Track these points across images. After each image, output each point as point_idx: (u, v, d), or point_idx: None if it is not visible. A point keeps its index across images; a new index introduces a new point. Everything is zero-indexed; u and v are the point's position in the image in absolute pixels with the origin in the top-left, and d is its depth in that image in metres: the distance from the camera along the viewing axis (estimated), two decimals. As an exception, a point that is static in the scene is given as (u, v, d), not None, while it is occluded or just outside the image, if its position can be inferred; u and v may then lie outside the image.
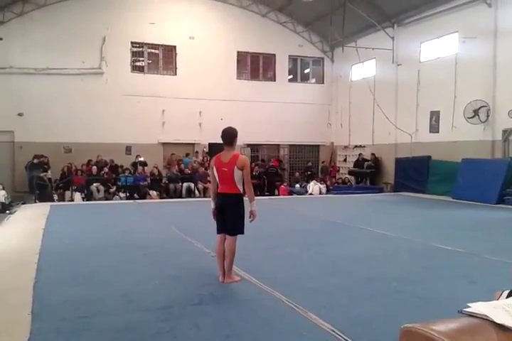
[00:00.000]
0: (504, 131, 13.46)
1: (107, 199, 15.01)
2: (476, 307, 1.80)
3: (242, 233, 5.06)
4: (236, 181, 4.94)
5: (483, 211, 11.51)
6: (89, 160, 16.49)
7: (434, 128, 15.91)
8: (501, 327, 1.62)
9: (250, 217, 5.08)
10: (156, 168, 16.59)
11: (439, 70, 15.49)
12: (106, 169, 15.95)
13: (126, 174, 15.95)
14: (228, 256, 5.00)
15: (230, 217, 5.01)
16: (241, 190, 5.06)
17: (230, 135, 5.01)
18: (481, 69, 13.94)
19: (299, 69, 21.55)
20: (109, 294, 4.64)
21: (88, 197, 15.04)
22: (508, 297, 2.54)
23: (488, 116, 13.77)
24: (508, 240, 7.79)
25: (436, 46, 15.98)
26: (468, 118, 14.07)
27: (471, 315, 1.75)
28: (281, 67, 20.79)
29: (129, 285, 4.93)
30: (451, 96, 14.92)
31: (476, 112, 13.91)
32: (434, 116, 15.87)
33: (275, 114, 19.77)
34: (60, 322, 3.87)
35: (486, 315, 1.69)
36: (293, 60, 21.25)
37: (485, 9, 13.83)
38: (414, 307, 4.24)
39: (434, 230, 8.82)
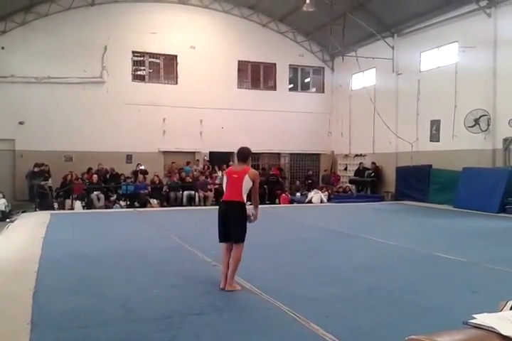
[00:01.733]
0: (505, 140, 13.47)
1: (107, 208, 14.97)
2: (482, 318, 1.78)
3: (243, 240, 5.23)
4: (243, 190, 5.20)
5: (484, 220, 11.47)
6: (90, 169, 16.48)
7: (434, 137, 15.92)
8: (507, 339, 1.60)
9: (250, 218, 5.29)
10: (157, 176, 16.57)
11: (439, 80, 15.55)
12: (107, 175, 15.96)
13: (127, 182, 15.93)
14: (232, 264, 5.11)
15: (235, 224, 5.18)
16: (245, 200, 5.25)
17: (245, 153, 5.53)
18: (481, 78, 13.99)
19: (299, 79, 21.64)
20: (109, 304, 4.60)
21: (88, 205, 15.01)
22: (512, 308, 2.51)
23: (488, 125, 13.79)
24: (509, 249, 7.75)
25: (436, 56, 16.05)
26: (469, 127, 14.09)
27: (477, 327, 1.73)
28: (282, 76, 20.88)
29: (129, 295, 4.89)
30: (451, 105, 14.96)
31: (476, 121, 13.93)
32: (435, 125, 15.90)
33: (276, 123, 19.81)
34: (59, 332, 3.83)
35: (492, 327, 1.67)
36: (293, 69, 21.34)
37: (484, 19, 13.92)
38: (416, 317, 4.20)
39: (436, 239, 8.79)
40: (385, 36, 17.71)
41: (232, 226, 5.16)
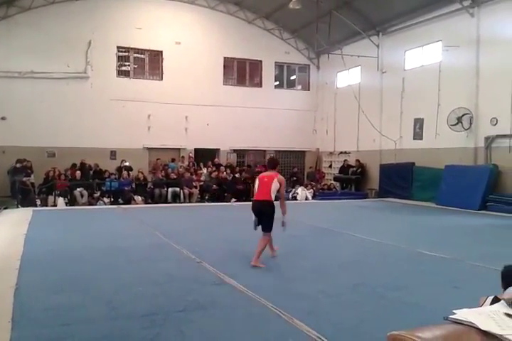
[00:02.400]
0: (486, 138, 13.68)
1: (90, 205, 14.83)
2: (462, 314, 1.81)
3: (270, 231, 6.35)
4: (272, 190, 6.26)
5: (466, 217, 11.65)
6: (73, 165, 16.30)
7: (418, 135, 16.10)
8: (486, 334, 1.62)
9: (283, 226, 6.44)
10: (141, 172, 16.46)
11: (423, 78, 15.71)
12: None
13: (111, 179, 15.78)
14: (259, 245, 6.23)
15: (265, 218, 6.28)
16: (273, 198, 6.32)
17: (274, 162, 6.81)
18: (464, 77, 14.17)
19: (285, 76, 21.66)
20: (92, 301, 4.57)
21: (72, 202, 14.84)
22: (492, 303, 2.56)
23: (471, 123, 13.98)
24: (491, 246, 7.88)
25: (420, 54, 16.21)
26: (452, 125, 14.27)
27: (457, 322, 1.75)
28: (268, 73, 20.88)
29: (113, 292, 4.86)
30: (434, 103, 15.13)
31: (459, 120, 14.11)
32: (418, 123, 16.07)
33: (261, 120, 19.81)
34: (40, 330, 3.79)
35: (471, 322, 1.69)
36: (279, 66, 21.35)
37: (467, 19, 14.08)
38: (400, 313, 4.26)
39: (419, 236, 8.90)
40: (371, 34, 17.82)
41: (262, 220, 6.28)
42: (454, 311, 1.83)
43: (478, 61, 13.89)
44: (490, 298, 2.80)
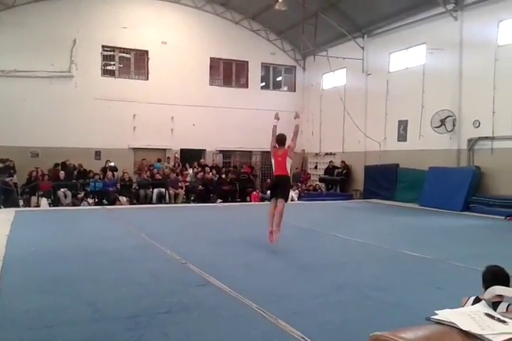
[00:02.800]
0: (469, 141, 13.88)
1: (74, 205, 14.67)
2: (443, 314, 1.83)
3: (287, 200, 7.47)
4: (287, 166, 7.32)
5: (449, 218, 11.79)
6: (56, 165, 16.11)
7: (402, 136, 16.28)
8: (467, 334, 1.64)
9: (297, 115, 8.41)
10: (127, 173, 16.34)
11: (407, 80, 15.89)
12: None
13: (95, 179, 15.64)
14: (277, 216, 7.21)
15: (283, 188, 7.39)
16: (289, 172, 7.36)
17: (283, 138, 7.69)
18: (448, 80, 14.37)
19: (271, 77, 21.71)
20: (76, 302, 4.53)
21: (55, 202, 14.68)
22: (474, 303, 2.61)
23: (454, 125, 14.17)
24: (473, 246, 8.00)
25: (405, 57, 16.39)
26: (435, 127, 14.45)
27: (439, 322, 1.77)
28: (254, 74, 20.91)
29: (97, 293, 4.82)
30: (418, 106, 15.31)
31: (442, 122, 14.29)
32: (402, 125, 16.25)
33: (247, 121, 19.81)
34: (23, 332, 3.74)
35: (452, 322, 1.71)
36: (265, 67, 21.39)
37: (451, 22, 14.28)
38: (383, 314, 4.30)
39: (402, 237, 9.00)
40: (356, 37, 17.97)
41: (280, 190, 7.35)
42: (435, 312, 1.85)
43: (461, 64, 14.10)
44: (472, 298, 2.85)
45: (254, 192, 17.71)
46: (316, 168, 20.85)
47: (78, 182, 15.72)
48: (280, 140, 7.61)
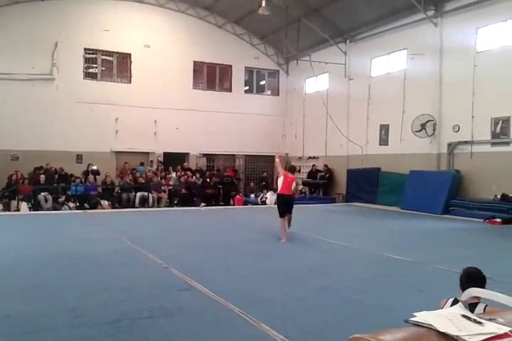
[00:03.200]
0: (449, 145, 14.10)
1: (55, 210, 14.47)
2: (421, 316, 1.85)
3: (291, 213, 9.28)
4: (292, 188, 9.33)
5: (430, 221, 11.95)
6: (37, 168, 15.88)
7: (383, 141, 16.47)
8: (445, 336, 1.66)
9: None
10: (109, 176, 16.18)
11: (389, 85, 16.09)
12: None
13: (77, 183, 15.46)
14: (290, 220, 9.21)
15: (291, 206, 9.24)
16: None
17: (294, 169, 10.17)
18: (428, 84, 14.59)
19: (254, 81, 21.77)
20: (56, 308, 4.47)
21: (35, 207, 14.45)
22: (452, 304, 2.65)
23: (434, 130, 14.39)
24: (453, 249, 8.11)
25: (386, 62, 16.60)
26: (416, 131, 14.65)
27: (417, 324, 1.79)
28: (238, 78, 20.94)
29: (77, 299, 4.77)
30: (399, 110, 15.52)
31: (423, 126, 14.50)
32: (384, 129, 16.44)
33: (231, 125, 19.83)
34: (1, 339, 3.68)
35: (430, 324, 1.72)
36: (249, 71, 21.45)
37: (431, 28, 14.52)
38: (365, 316, 4.33)
39: (384, 240, 9.08)
40: (338, 42, 18.15)
41: (290, 207, 9.16)
42: (414, 314, 1.87)
43: (441, 69, 14.34)
44: (450, 300, 2.90)
45: (238, 196, 17.72)
46: (299, 171, 20.91)
47: (59, 186, 15.51)
48: (292, 169, 10.32)
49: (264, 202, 17.03)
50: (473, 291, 2.34)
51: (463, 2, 13.53)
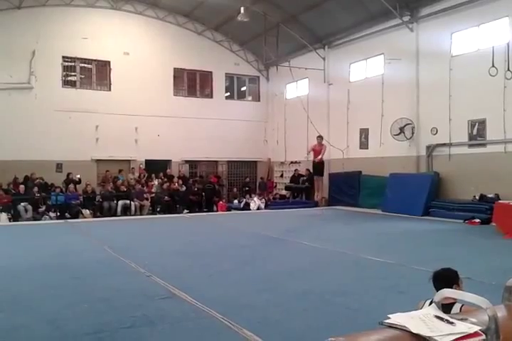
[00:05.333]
0: (428, 147, 14.33)
1: (35, 220, 14.26)
2: (395, 318, 1.87)
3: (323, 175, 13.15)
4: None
5: (410, 223, 12.10)
6: (16, 178, 15.64)
7: (363, 144, 16.66)
8: (418, 337, 1.68)
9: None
10: (89, 185, 16.01)
11: (367, 90, 16.30)
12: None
13: (57, 192, 15.26)
14: (321, 183, 12.09)
15: (322, 170, 13.02)
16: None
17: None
18: (406, 89, 14.83)
19: (235, 87, 21.84)
20: (35, 320, 4.41)
21: (15, 217, 14.22)
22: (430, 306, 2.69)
23: (413, 133, 14.61)
24: (433, 250, 8.22)
25: (364, 67, 16.83)
26: (395, 135, 14.86)
27: (391, 326, 1.82)
28: (218, 84, 20.98)
29: (57, 310, 4.71)
30: (378, 114, 15.72)
31: (401, 129, 14.71)
32: (364, 133, 16.63)
33: (213, 131, 19.82)
34: (-21, 354, 3.62)
35: (404, 326, 1.75)
36: (229, 77, 21.51)
37: (407, 33, 14.78)
38: (346, 319, 4.38)
39: (366, 242, 9.17)
40: (317, 47, 18.33)
41: (320, 170, 12.33)
42: (388, 316, 1.91)
43: (418, 73, 14.59)
44: (428, 302, 2.95)
45: (221, 202, 17.70)
46: (282, 176, 21.01)
47: (40, 196, 15.30)
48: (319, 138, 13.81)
49: (247, 207, 17.02)
50: (446, 292, 2.39)
51: (437, 8, 13.82)
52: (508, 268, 5.69)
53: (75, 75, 18.42)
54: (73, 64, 18.33)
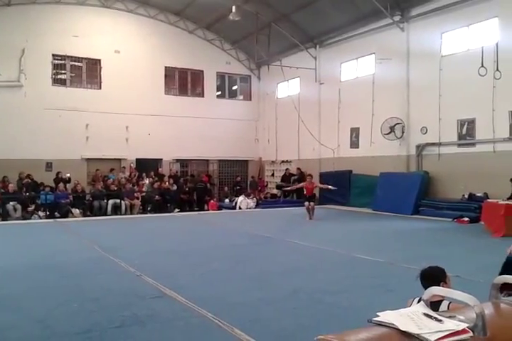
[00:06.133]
0: (417, 146, 14.42)
1: (25, 219, 14.14)
2: (384, 316, 1.88)
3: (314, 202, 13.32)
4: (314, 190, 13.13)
5: (400, 222, 12.17)
6: (5, 177, 15.50)
7: (354, 143, 16.73)
8: (406, 334, 1.69)
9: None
10: (79, 184, 15.90)
11: (358, 89, 16.36)
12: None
13: (46, 191, 15.13)
14: (312, 209, 12.86)
15: (313, 199, 13.21)
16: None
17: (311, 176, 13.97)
18: (396, 88, 14.91)
19: (227, 86, 21.81)
20: (24, 320, 4.38)
21: (4, 216, 14.09)
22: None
23: (403, 132, 14.69)
24: (422, 249, 8.28)
25: (355, 66, 16.88)
26: (385, 134, 14.94)
27: (380, 324, 1.83)
28: (210, 83, 20.95)
29: (46, 310, 4.67)
30: (369, 113, 15.79)
31: (392, 129, 14.79)
32: (354, 132, 16.70)
33: (204, 130, 19.79)
34: (-33, 354, 3.59)
35: (392, 324, 1.75)
36: (221, 76, 21.48)
37: (398, 33, 14.86)
38: (336, 318, 4.40)
39: (356, 241, 9.21)
40: (308, 47, 18.36)
41: (312, 200, 12.95)
42: (377, 313, 1.92)
43: (408, 73, 14.67)
44: (416, 300, 2.97)
45: (212, 201, 17.67)
46: (272, 175, 21.04)
47: (29, 195, 15.16)
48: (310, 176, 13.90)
49: (236, 207, 17.00)
50: (434, 290, 2.41)
51: (428, 8, 13.91)
52: (495, 266, 5.73)
53: (65, 73, 18.29)
54: (63, 62, 18.20)
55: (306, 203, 13.05)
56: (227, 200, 18.23)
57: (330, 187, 13.57)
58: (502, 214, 9.48)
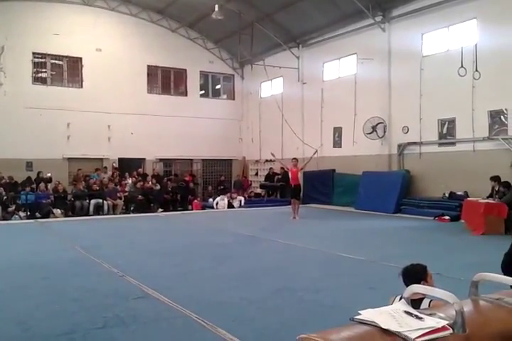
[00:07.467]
0: (399, 146, 14.59)
1: (4, 220, 13.91)
2: (365, 314, 1.90)
3: (300, 199, 13.49)
4: (299, 178, 12.93)
5: (382, 220, 12.29)
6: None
7: (337, 143, 16.84)
8: (387, 332, 1.71)
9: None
10: (60, 184, 15.69)
11: (340, 89, 16.47)
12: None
13: (27, 191, 14.90)
14: (297, 207, 12.94)
15: (298, 193, 13.12)
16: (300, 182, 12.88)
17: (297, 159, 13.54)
18: (378, 88, 15.05)
19: (210, 85, 21.74)
20: (4, 321, 4.31)
21: (-18, 217, 13.85)
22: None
23: (385, 132, 14.84)
24: (403, 247, 8.39)
25: (337, 66, 16.99)
26: (367, 134, 15.07)
27: (361, 322, 1.84)
28: (193, 82, 20.85)
29: (26, 312, 4.61)
30: (351, 113, 15.91)
31: (374, 128, 14.93)
32: (337, 132, 16.81)
33: (187, 129, 19.69)
34: None
35: (374, 322, 1.77)
36: (204, 75, 21.40)
37: (380, 33, 14.99)
38: (319, 316, 4.42)
39: (339, 240, 9.29)
40: (291, 46, 18.41)
41: (297, 194, 13.03)
42: (359, 312, 1.93)
43: (390, 73, 14.82)
44: (398, 297, 3.00)
45: (196, 200, 17.60)
46: (256, 174, 21.04)
47: (8, 195, 14.91)
48: (296, 160, 13.38)
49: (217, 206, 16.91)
50: (415, 288, 2.45)
51: (408, 8, 14.06)
52: (475, 264, 5.84)
53: (45, 72, 18.03)
54: (44, 60, 17.93)
55: (293, 200, 13.12)
56: (210, 200, 18.17)
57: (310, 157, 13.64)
58: (482, 212, 9.64)
